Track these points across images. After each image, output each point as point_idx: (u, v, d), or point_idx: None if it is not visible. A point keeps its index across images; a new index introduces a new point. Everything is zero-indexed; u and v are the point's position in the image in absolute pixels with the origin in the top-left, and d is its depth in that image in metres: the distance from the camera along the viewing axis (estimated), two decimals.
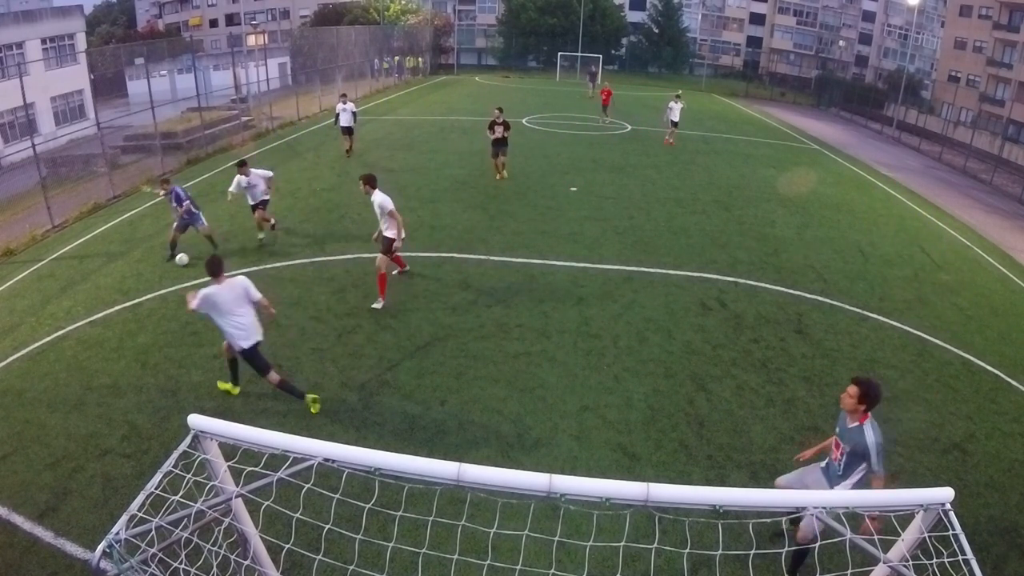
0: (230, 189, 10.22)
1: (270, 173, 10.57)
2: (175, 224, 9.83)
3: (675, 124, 20.33)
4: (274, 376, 6.13)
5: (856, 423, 4.13)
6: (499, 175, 15.01)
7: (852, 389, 4.12)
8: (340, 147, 17.31)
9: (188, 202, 9.60)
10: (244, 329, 5.90)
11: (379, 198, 8.10)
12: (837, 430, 4.28)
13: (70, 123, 26.59)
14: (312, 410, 6.24)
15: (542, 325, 8.20)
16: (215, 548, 2.92)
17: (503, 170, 15.09)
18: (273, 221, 10.98)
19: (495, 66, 51.61)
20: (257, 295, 5.97)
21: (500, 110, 14.69)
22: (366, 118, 22.08)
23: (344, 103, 16.59)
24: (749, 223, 13.05)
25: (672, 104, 20.32)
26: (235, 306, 5.83)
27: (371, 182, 8.14)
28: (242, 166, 10.14)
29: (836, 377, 7.43)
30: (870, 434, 4.05)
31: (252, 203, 10.36)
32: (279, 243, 10.66)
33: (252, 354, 6.01)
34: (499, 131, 14.45)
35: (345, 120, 16.54)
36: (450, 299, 8.82)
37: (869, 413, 4.12)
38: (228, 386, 6.53)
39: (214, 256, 6.05)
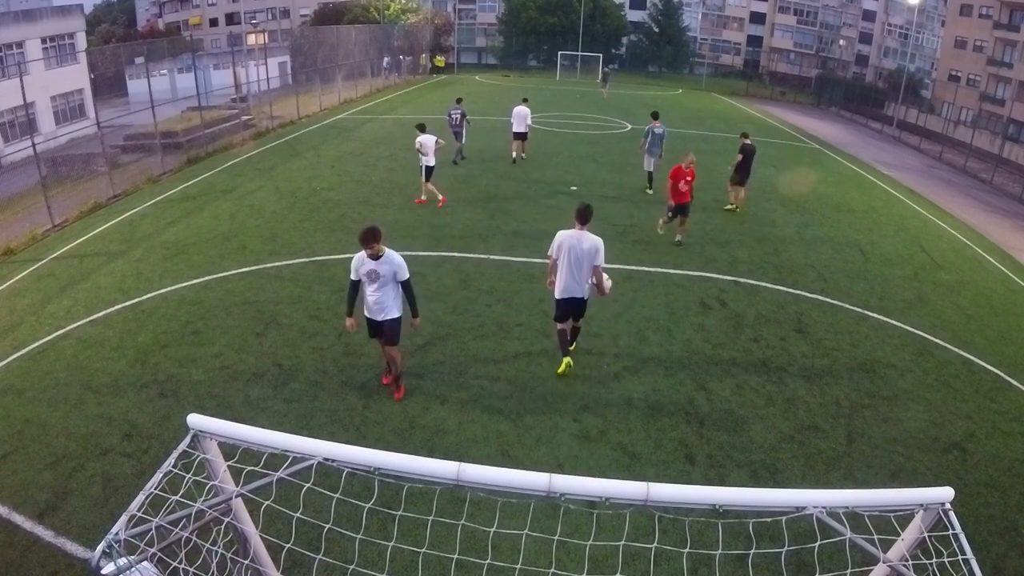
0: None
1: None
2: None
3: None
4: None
5: None
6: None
7: None
8: (418, 193, 13.18)
9: None
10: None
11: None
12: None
13: (70, 122, 26.57)
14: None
15: (542, 324, 8.19)
16: (215, 548, 2.92)
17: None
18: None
19: (495, 65, 51.62)
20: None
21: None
22: (366, 117, 22.07)
23: (426, 133, 12.84)
24: (749, 222, 13.04)
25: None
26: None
27: None
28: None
29: (836, 376, 7.44)
30: None
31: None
32: (279, 242, 10.66)
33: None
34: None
35: (429, 159, 12.72)
36: (450, 298, 8.82)
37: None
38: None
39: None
